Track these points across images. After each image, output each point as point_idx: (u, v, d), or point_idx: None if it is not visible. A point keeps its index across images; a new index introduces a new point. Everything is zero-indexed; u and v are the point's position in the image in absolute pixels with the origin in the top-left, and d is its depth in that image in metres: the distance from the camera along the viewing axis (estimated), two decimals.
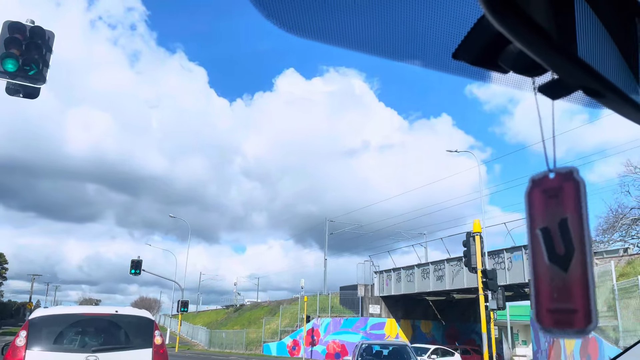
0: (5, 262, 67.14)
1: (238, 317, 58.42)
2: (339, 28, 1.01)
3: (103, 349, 6.11)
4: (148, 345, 6.41)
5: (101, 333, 6.47)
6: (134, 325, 6.67)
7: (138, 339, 6.50)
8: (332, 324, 36.75)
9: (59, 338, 6.14)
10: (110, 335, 6.47)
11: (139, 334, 6.57)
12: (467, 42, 0.90)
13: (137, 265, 38.27)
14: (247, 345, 41.20)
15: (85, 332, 6.42)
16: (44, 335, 6.02)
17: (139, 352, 6.31)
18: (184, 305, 40.74)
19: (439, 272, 32.57)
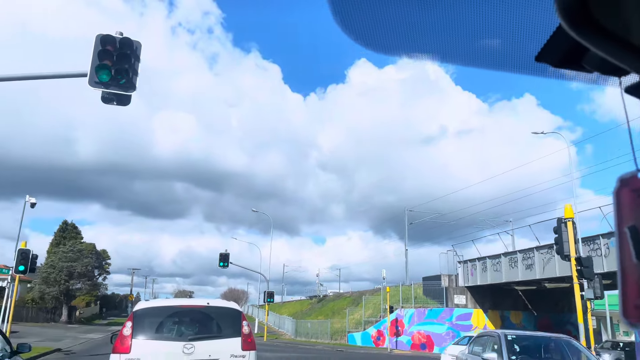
0: (108, 258, 72.76)
1: (322, 307, 59.39)
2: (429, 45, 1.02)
3: (198, 337, 6.60)
4: (237, 334, 6.79)
5: (196, 323, 6.94)
6: (224, 316, 7.09)
7: (228, 328, 6.90)
8: (416, 314, 36.33)
9: (159, 328, 6.70)
10: (204, 326, 6.95)
11: (228, 324, 6.96)
12: (550, 45, 0.91)
13: (224, 258, 40.09)
14: (332, 335, 41.81)
15: (182, 322, 6.91)
16: (146, 325, 6.60)
17: (229, 341, 6.72)
18: (269, 296, 42.07)
19: (528, 261, 31.06)
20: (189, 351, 6.41)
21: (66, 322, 55.75)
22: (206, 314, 7.13)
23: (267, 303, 42.30)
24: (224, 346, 6.68)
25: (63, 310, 57.19)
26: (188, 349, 6.42)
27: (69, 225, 63.88)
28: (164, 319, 6.84)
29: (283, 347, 35.93)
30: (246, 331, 6.92)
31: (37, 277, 57.27)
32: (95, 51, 8.83)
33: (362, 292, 54.44)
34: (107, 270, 70.28)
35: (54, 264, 55.81)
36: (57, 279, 54.95)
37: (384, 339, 36.94)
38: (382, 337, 37.35)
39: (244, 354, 6.71)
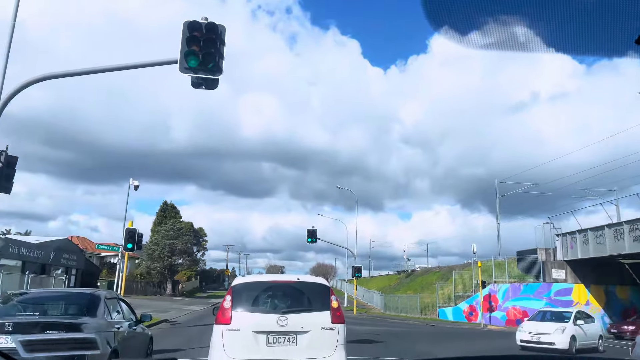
0: (204, 235, 77.15)
1: (410, 282, 59.10)
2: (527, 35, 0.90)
3: (291, 310, 7.04)
4: (327, 308, 7.14)
5: (288, 297, 7.39)
6: (313, 291, 7.48)
7: (318, 302, 7.26)
8: (510, 289, 34.99)
9: (255, 301, 7.23)
10: (295, 300, 7.38)
11: (318, 298, 7.33)
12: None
13: (312, 235, 41.00)
14: (421, 309, 41.55)
15: (275, 296, 7.39)
16: (244, 299, 7.13)
17: (320, 314, 7.08)
18: (357, 271, 42.54)
19: (636, 232, 28.59)
20: (283, 323, 6.83)
21: (170, 295, 60.27)
22: (297, 289, 7.55)
23: (355, 278, 42.83)
24: (314, 319, 7.02)
25: (167, 284, 61.87)
26: (282, 321, 6.83)
27: (168, 206, 68.37)
28: (259, 293, 7.34)
29: (373, 320, 36.30)
30: (335, 305, 7.22)
31: (144, 254, 62.24)
32: (183, 38, 9.19)
33: (451, 266, 53.35)
34: (204, 247, 74.66)
35: (158, 241, 60.26)
36: (161, 255, 59.35)
37: (477, 315, 36.05)
38: (475, 313, 36.47)
39: (333, 326, 7.03)
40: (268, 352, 6.76)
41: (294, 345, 6.85)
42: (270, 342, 6.82)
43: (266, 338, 6.82)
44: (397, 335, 22.27)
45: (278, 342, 6.83)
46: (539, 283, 33.61)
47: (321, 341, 6.96)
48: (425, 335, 23.97)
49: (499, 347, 17.88)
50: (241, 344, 6.77)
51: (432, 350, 15.80)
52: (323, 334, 6.97)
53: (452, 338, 22.58)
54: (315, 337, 6.93)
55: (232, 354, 6.71)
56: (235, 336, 6.80)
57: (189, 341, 16.25)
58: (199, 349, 12.84)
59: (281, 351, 6.79)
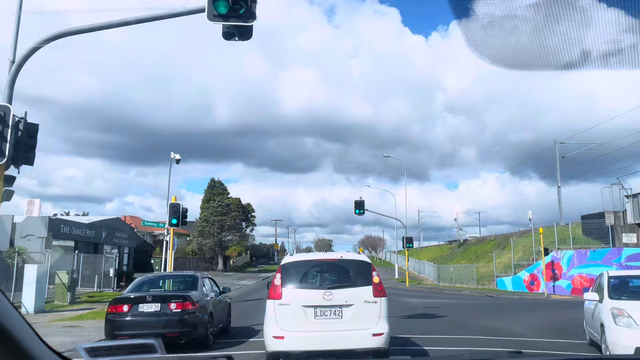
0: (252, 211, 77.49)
1: (463, 252, 57.22)
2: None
3: (336, 286, 7.56)
4: (369, 283, 7.60)
5: (332, 274, 7.91)
6: (356, 267, 7.96)
7: (360, 278, 7.74)
8: (575, 256, 32.73)
9: (303, 278, 7.72)
10: (339, 276, 7.89)
11: (360, 274, 7.81)
12: None
13: (360, 206, 39.82)
14: (478, 280, 39.85)
15: (321, 273, 7.89)
16: (292, 276, 7.65)
17: (362, 289, 7.54)
18: (409, 242, 41.15)
19: None
20: (328, 297, 7.37)
21: (222, 270, 61.03)
22: (340, 266, 8.07)
23: (406, 248, 41.49)
24: (357, 293, 7.50)
25: (219, 260, 62.65)
26: (327, 295, 7.38)
27: (216, 183, 68.74)
28: (306, 270, 7.89)
29: (427, 292, 35.07)
30: (376, 280, 7.66)
31: (194, 231, 63.11)
32: None
33: (507, 235, 51.06)
34: (253, 222, 75.11)
35: (207, 218, 60.83)
36: (211, 231, 59.93)
37: (539, 284, 34.09)
38: (537, 282, 34.50)
39: (375, 300, 7.49)
40: (316, 325, 7.33)
41: (339, 317, 7.37)
42: (317, 315, 7.38)
43: (314, 312, 7.38)
44: (455, 308, 20.97)
45: (325, 315, 7.38)
46: (607, 248, 31.21)
47: (364, 314, 7.41)
48: (487, 307, 22.53)
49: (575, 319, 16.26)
50: (291, 318, 7.34)
51: (499, 326, 14.41)
52: (366, 307, 7.44)
53: (517, 309, 21.05)
54: (358, 310, 7.41)
55: (284, 326, 7.31)
56: (286, 310, 7.38)
57: (242, 316, 15.83)
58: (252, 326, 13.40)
59: (328, 323, 7.33)
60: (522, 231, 47.16)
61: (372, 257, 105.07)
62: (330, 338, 7.27)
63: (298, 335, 7.30)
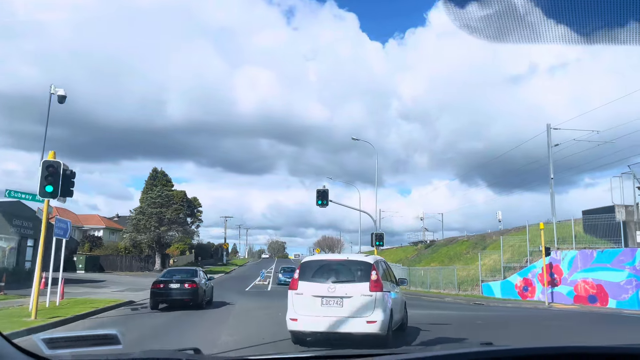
0: (199, 206, 69.66)
1: (432, 253, 52.04)
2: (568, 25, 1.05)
3: (338, 281, 9.36)
4: (366, 279, 9.25)
5: (337, 271, 9.65)
6: (357, 266, 9.62)
7: (360, 275, 9.40)
8: (579, 258, 27.58)
9: (315, 273, 9.61)
10: (342, 273, 9.60)
11: (361, 272, 9.44)
12: None
13: (323, 196, 33.44)
14: (459, 284, 34.26)
15: (328, 270, 9.67)
16: (307, 272, 9.67)
17: (360, 284, 9.22)
18: (379, 239, 35.03)
19: None
20: (332, 290, 9.19)
21: (160, 270, 53.14)
22: (345, 265, 9.84)
23: (376, 247, 35.35)
24: (356, 288, 9.18)
25: (156, 259, 54.66)
26: (331, 288, 9.21)
27: (158, 173, 60.68)
28: (317, 268, 9.73)
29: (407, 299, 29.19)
30: (374, 278, 9.24)
31: (129, 225, 54.92)
32: None
33: (483, 234, 46.16)
34: (199, 218, 67.37)
35: (143, 210, 52.85)
36: (147, 225, 52.00)
37: (534, 290, 28.80)
38: (531, 287, 29.18)
39: (371, 294, 9.07)
40: (322, 311, 9.10)
41: (340, 306, 9.07)
42: (323, 303, 9.15)
43: (321, 300, 9.17)
44: (471, 325, 14.96)
45: (329, 304, 9.13)
46: (618, 249, 26.16)
47: (361, 304, 8.99)
48: (504, 322, 16.60)
49: None
50: (304, 304, 9.26)
51: None
52: (362, 299, 9.03)
53: (542, 324, 15.18)
54: (356, 301, 9.04)
55: (299, 311, 9.25)
56: (300, 299, 9.33)
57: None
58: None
59: (331, 310, 9.07)
60: (501, 230, 42.23)
61: None
62: (332, 322, 8.93)
63: (308, 318, 9.12)
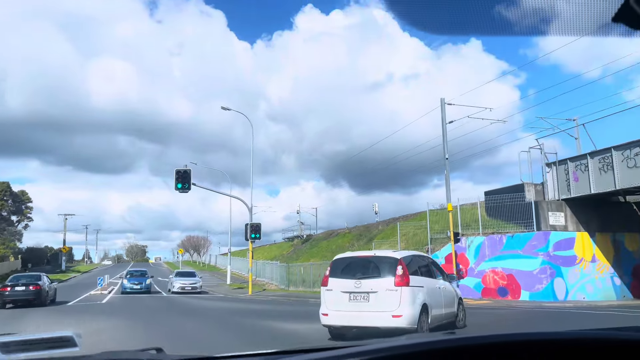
0: (28, 201, 57.00)
1: (310, 248, 47.09)
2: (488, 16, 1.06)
3: (364, 277, 9.59)
4: (392, 274, 9.40)
5: (364, 267, 9.88)
6: (383, 262, 9.75)
7: (386, 271, 9.54)
8: (486, 244, 24.05)
9: (343, 270, 9.90)
10: (368, 269, 9.80)
11: (386, 267, 9.59)
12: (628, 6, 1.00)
13: (184, 178, 26.36)
14: None
15: (355, 266, 9.93)
16: (337, 269, 9.97)
17: (385, 279, 9.42)
18: (255, 231, 28.64)
19: None
20: (358, 286, 9.47)
21: None
22: (371, 261, 9.96)
23: (251, 240, 28.85)
24: (381, 283, 9.40)
25: None
26: (357, 284, 9.50)
27: None
28: (346, 265, 10.01)
29: (293, 303, 23.24)
30: (399, 272, 9.33)
31: None
32: None
33: (367, 225, 42.21)
34: (28, 216, 54.79)
35: None
36: None
37: None
38: None
39: (396, 289, 9.23)
40: (350, 306, 9.46)
41: (366, 301, 9.35)
42: (351, 299, 9.48)
43: (348, 296, 9.52)
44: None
45: (356, 299, 9.44)
46: (530, 233, 23.03)
47: (386, 299, 9.21)
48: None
49: None
50: (334, 300, 9.65)
51: None
52: (388, 294, 9.23)
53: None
54: (381, 296, 9.27)
55: (330, 306, 9.68)
56: (330, 294, 9.76)
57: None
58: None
59: (358, 305, 9.39)
60: (389, 220, 38.49)
61: (194, 262, 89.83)
62: (359, 317, 9.37)
63: (337, 313, 9.57)
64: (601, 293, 22.73)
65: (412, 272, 9.61)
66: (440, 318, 10.37)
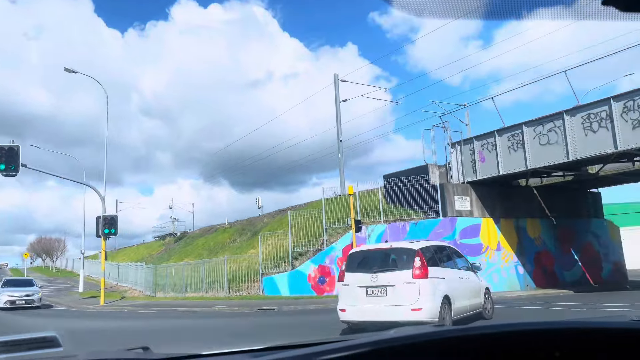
0: None
1: (184, 246, 41.35)
2: None
3: (381, 270, 9.27)
4: (409, 267, 9.01)
5: (380, 260, 9.63)
6: (400, 254, 9.46)
7: (402, 263, 9.22)
8: (388, 232, 21.09)
9: (359, 264, 9.66)
10: (385, 262, 9.56)
11: (403, 260, 9.25)
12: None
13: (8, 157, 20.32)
14: (229, 281, 24.47)
15: (372, 260, 9.69)
16: (352, 263, 9.76)
17: (403, 272, 9.04)
18: (109, 225, 22.71)
19: (555, 133, 17.84)
20: (374, 279, 9.14)
21: None
22: (388, 254, 9.75)
23: (103, 236, 22.85)
24: (399, 275, 9.05)
25: None
26: (374, 278, 9.16)
27: None
28: (362, 259, 9.81)
29: (141, 314, 18.03)
30: (417, 264, 8.95)
31: None
32: None
33: (250, 219, 37.73)
34: None
35: None
36: None
37: (333, 281, 21.19)
38: (330, 278, 21.49)
39: (414, 281, 8.86)
40: (367, 301, 9.14)
41: (384, 295, 9.02)
42: (368, 293, 9.17)
43: (365, 290, 9.20)
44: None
45: (373, 294, 9.12)
46: (436, 219, 20.48)
47: (405, 292, 8.86)
48: None
49: None
50: (350, 295, 9.37)
51: None
52: (406, 287, 8.87)
53: None
54: (399, 290, 8.93)
55: (347, 302, 9.40)
56: (347, 290, 9.47)
57: None
58: None
59: (376, 300, 9.06)
60: (274, 212, 34.41)
61: (46, 268, 77.80)
62: (378, 311, 8.97)
63: (355, 308, 9.28)
64: (506, 283, 20.92)
65: (431, 263, 9.29)
66: (464, 310, 10.05)
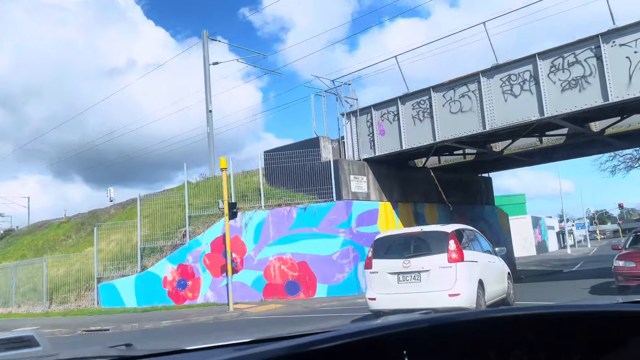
0: None
1: (7, 246, 32.94)
2: None
3: (413, 255, 8.74)
4: (444, 250, 8.49)
5: (412, 245, 9.05)
6: (433, 238, 8.92)
7: (436, 246, 8.66)
8: (271, 222, 16.74)
9: (387, 250, 9.13)
10: (417, 246, 8.97)
11: (436, 243, 8.72)
12: None
13: None
14: (51, 292, 18.10)
15: (402, 245, 9.15)
16: (380, 249, 9.19)
17: (438, 256, 8.50)
18: None
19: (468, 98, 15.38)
20: (407, 265, 8.62)
21: None
22: (419, 238, 9.16)
23: None
24: (433, 260, 8.49)
25: None
26: (406, 263, 8.63)
27: None
28: (391, 244, 9.28)
29: None
30: (452, 247, 8.45)
31: None
32: None
33: (93, 211, 30.84)
34: None
35: None
36: None
37: (198, 284, 16.26)
38: (193, 281, 16.47)
39: (450, 265, 8.35)
40: (399, 288, 8.62)
41: (418, 281, 8.50)
42: (400, 280, 8.66)
43: (397, 277, 8.69)
44: None
45: (406, 280, 8.61)
46: (330, 203, 16.65)
47: (440, 277, 8.33)
48: None
49: None
50: (380, 283, 8.84)
51: None
52: (441, 272, 8.35)
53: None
54: (434, 275, 8.39)
55: (377, 290, 8.87)
56: (376, 277, 8.94)
57: None
58: None
59: (409, 287, 8.55)
60: (125, 202, 28.06)
61: None
62: (412, 299, 8.27)
63: (386, 297, 8.70)
64: None
65: (464, 246, 8.93)
66: (494, 294, 9.62)
